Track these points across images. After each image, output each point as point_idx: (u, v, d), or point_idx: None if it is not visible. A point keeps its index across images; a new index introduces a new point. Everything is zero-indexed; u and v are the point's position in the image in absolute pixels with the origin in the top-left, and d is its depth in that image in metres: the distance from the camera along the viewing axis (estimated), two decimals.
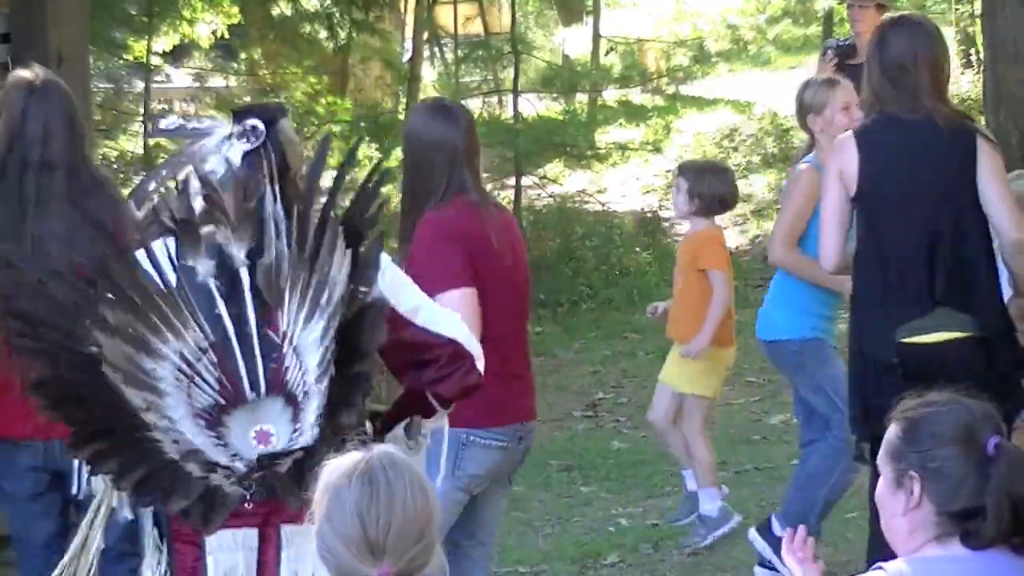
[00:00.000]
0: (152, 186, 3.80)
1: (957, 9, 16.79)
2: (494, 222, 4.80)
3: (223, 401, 3.46)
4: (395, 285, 3.71)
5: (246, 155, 3.63)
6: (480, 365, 3.78)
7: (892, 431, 3.11)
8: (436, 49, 18.16)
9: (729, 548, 6.88)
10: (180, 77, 18.24)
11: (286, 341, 3.48)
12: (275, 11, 15.53)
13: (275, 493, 3.45)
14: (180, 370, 3.43)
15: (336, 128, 14.99)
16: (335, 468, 2.80)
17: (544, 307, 12.55)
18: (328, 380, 3.42)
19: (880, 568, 3.07)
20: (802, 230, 6.24)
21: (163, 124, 3.90)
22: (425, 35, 16.51)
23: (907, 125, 5.07)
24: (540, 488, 8.09)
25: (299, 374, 3.47)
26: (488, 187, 15.36)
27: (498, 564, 6.72)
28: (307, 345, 3.46)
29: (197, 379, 3.45)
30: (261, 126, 3.66)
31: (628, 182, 16.57)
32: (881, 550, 5.06)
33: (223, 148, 3.65)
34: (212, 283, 3.48)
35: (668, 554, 6.89)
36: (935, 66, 5.11)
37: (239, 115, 3.71)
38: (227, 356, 3.46)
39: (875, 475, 3.31)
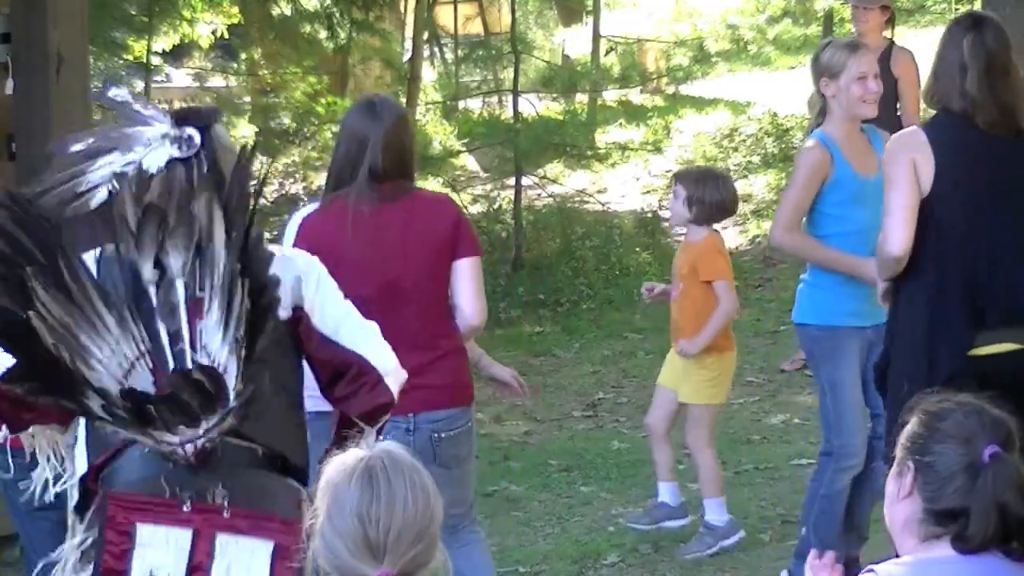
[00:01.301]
0: (78, 153, 3.70)
1: (957, 9, 16.79)
2: (359, 221, 4.86)
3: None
4: (324, 297, 3.72)
5: (173, 161, 3.57)
6: (390, 381, 3.72)
7: (910, 421, 3.13)
8: (436, 49, 18.18)
9: (729, 549, 6.87)
10: (180, 77, 18.26)
11: (200, 349, 3.45)
12: (275, 11, 15.53)
13: (212, 499, 3.44)
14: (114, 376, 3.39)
15: (336, 128, 14.99)
16: (336, 466, 2.79)
17: (544, 307, 12.56)
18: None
19: (871, 571, 3.08)
20: (806, 210, 6.02)
21: (111, 93, 3.78)
22: (425, 35, 16.52)
23: (966, 127, 4.97)
24: (540, 488, 8.09)
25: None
26: (488, 187, 15.41)
27: (498, 564, 6.71)
28: (211, 333, 3.43)
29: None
30: (197, 138, 3.59)
31: (628, 182, 16.56)
32: None
33: (153, 146, 3.60)
34: (152, 289, 3.46)
35: (668, 554, 6.89)
36: (1017, 67, 5.03)
37: (178, 118, 3.65)
38: (161, 363, 3.42)
39: None
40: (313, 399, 5.46)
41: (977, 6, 15.08)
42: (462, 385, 5.10)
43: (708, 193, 6.86)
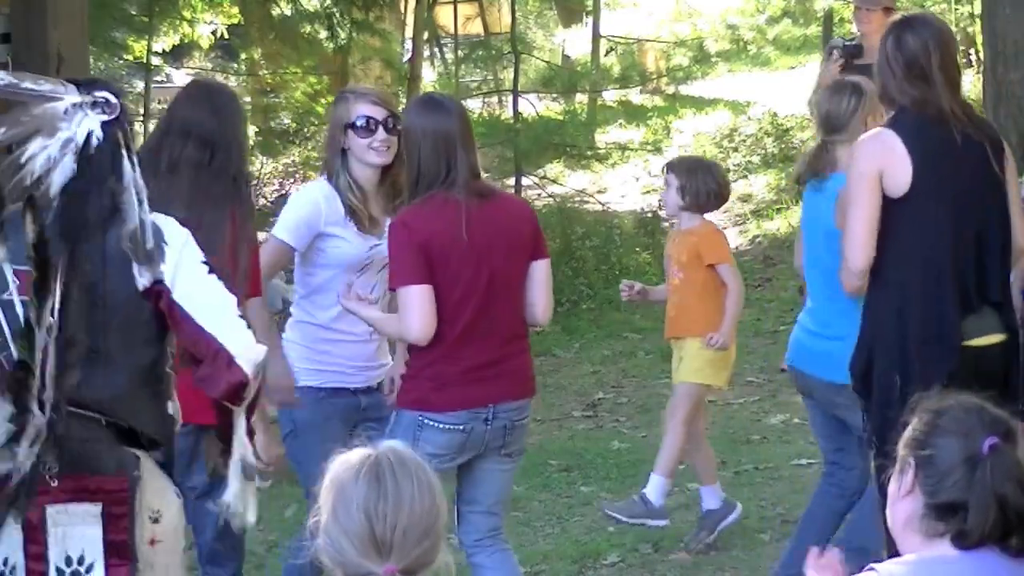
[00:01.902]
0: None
1: (957, 9, 16.80)
2: (469, 215, 4.89)
3: None
4: (186, 272, 3.72)
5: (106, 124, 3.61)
6: (243, 362, 3.67)
7: (911, 421, 3.14)
8: (436, 49, 18.19)
9: (729, 548, 6.88)
10: (180, 77, 18.27)
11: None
12: (275, 11, 15.54)
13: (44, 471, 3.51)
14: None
15: None
16: (341, 465, 2.79)
17: None
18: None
19: (872, 569, 3.08)
20: None
21: None
22: (425, 35, 16.53)
23: (941, 125, 5.01)
24: (540, 488, 8.09)
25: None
26: None
27: None
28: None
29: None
30: (115, 99, 3.63)
31: (628, 182, 16.58)
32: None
33: (76, 117, 3.61)
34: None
35: (668, 554, 6.89)
36: (951, 66, 5.07)
37: (85, 86, 3.66)
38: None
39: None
40: (334, 374, 5.48)
41: (977, 7, 15.10)
42: (532, 377, 5.19)
43: (703, 182, 6.87)
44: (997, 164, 5.04)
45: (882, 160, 4.98)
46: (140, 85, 15.50)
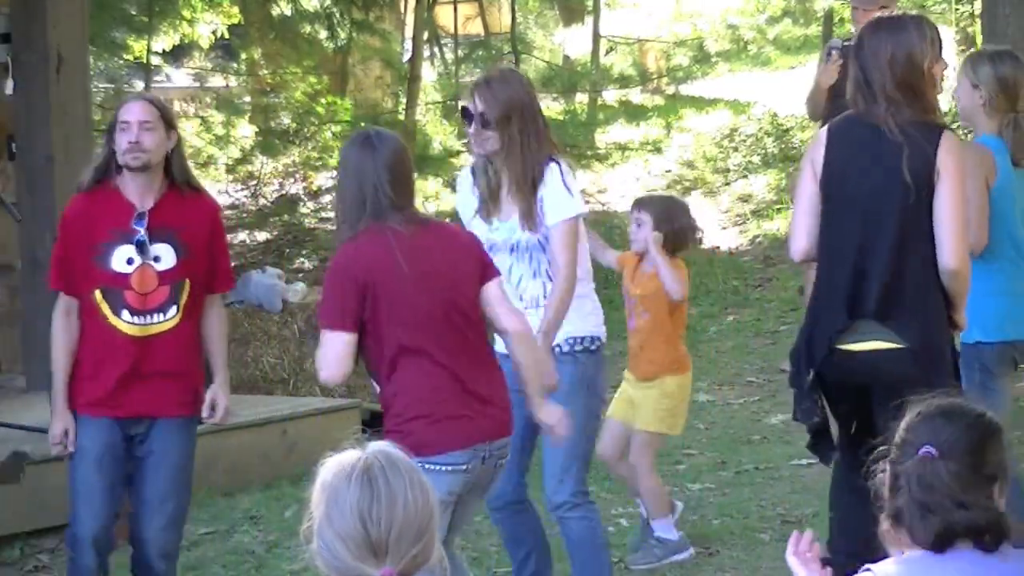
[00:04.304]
0: None
1: (957, 9, 16.79)
2: (409, 244, 4.85)
3: None
4: None
5: None
6: None
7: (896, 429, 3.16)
8: (436, 49, 18.16)
9: (730, 549, 6.87)
10: (180, 77, 18.26)
11: None
12: (275, 11, 15.53)
13: None
14: None
15: (336, 128, 15.00)
16: (331, 468, 2.78)
17: None
18: None
19: (868, 570, 3.10)
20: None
21: None
22: (425, 35, 16.52)
23: (867, 128, 5.08)
24: (540, 488, 8.07)
25: None
26: None
27: (498, 564, 6.72)
28: None
29: None
30: None
31: (628, 182, 16.56)
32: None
33: None
34: None
35: None
36: (906, 68, 5.06)
37: None
38: None
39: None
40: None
41: (977, 7, 15.09)
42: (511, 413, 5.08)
43: (678, 221, 6.78)
44: (923, 176, 4.99)
45: (813, 152, 5.19)
46: (140, 85, 15.49)
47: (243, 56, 16.74)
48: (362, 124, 14.49)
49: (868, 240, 5.06)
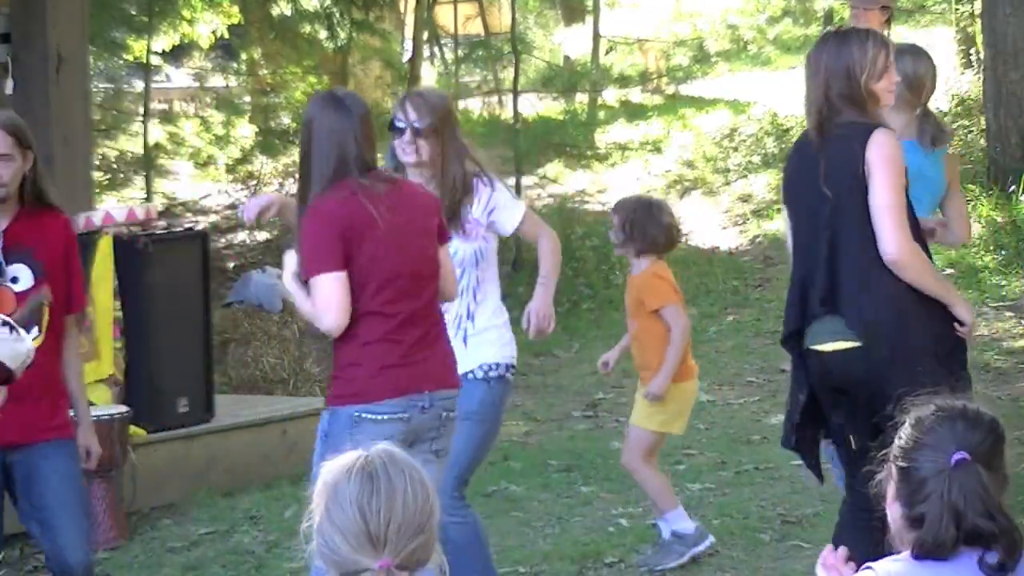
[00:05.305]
0: None
1: (957, 9, 16.79)
2: (382, 200, 4.92)
3: None
4: None
5: None
6: None
7: (899, 427, 3.14)
8: (436, 49, 18.16)
9: (730, 549, 6.88)
10: (180, 77, 18.25)
11: None
12: (275, 11, 15.53)
13: None
14: None
15: None
16: (334, 466, 2.79)
17: None
18: None
19: (869, 568, 3.09)
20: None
21: None
22: (425, 35, 16.52)
23: (804, 138, 5.28)
24: (540, 488, 8.09)
25: None
26: None
27: (498, 564, 6.71)
28: None
29: None
30: None
31: (628, 182, 16.56)
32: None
33: None
34: None
35: None
36: (842, 76, 5.13)
37: None
38: None
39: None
40: None
41: (977, 7, 15.09)
42: (456, 366, 5.20)
43: (654, 223, 6.77)
44: (847, 176, 5.05)
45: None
46: (140, 85, 15.49)
47: (243, 56, 16.73)
48: None
49: (811, 243, 5.16)
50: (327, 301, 4.84)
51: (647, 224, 6.77)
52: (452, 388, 5.10)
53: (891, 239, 4.99)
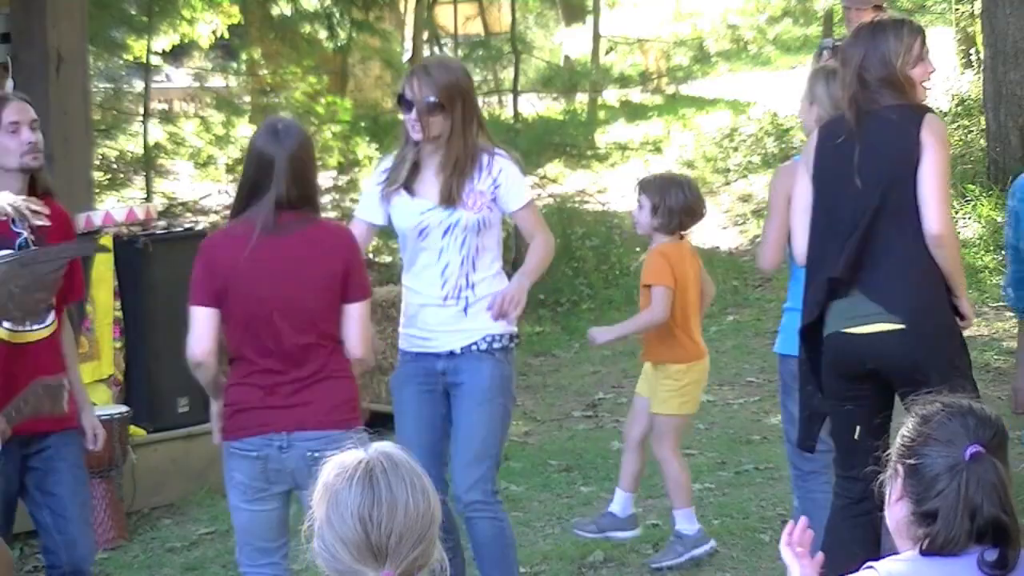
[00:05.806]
0: None
1: (957, 9, 16.79)
2: (269, 240, 4.98)
3: None
4: None
5: None
6: None
7: (904, 424, 3.14)
8: (436, 49, 18.15)
9: (730, 549, 6.88)
10: (180, 77, 18.24)
11: None
12: (275, 11, 15.52)
13: None
14: None
15: (336, 128, 15.00)
16: (333, 469, 2.78)
17: (544, 307, 12.55)
18: None
19: (871, 567, 3.09)
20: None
21: None
22: (425, 35, 16.51)
23: (840, 118, 5.27)
24: (540, 488, 8.09)
25: None
26: None
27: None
28: None
29: None
30: None
31: (628, 182, 16.57)
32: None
33: None
34: None
35: None
36: (878, 63, 5.18)
37: None
38: None
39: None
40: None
41: (977, 6, 15.09)
42: (340, 408, 5.16)
43: (675, 199, 6.82)
44: (898, 153, 5.10)
45: (806, 154, 5.43)
46: (140, 85, 15.48)
47: (243, 56, 16.72)
48: (362, 124, 14.50)
49: (842, 228, 5.18)
50: (191, 333, 5.05)
51: (677, 199, 6.85)
52: (324, 429, 5.06)
53: (937, 215, 5.06)
